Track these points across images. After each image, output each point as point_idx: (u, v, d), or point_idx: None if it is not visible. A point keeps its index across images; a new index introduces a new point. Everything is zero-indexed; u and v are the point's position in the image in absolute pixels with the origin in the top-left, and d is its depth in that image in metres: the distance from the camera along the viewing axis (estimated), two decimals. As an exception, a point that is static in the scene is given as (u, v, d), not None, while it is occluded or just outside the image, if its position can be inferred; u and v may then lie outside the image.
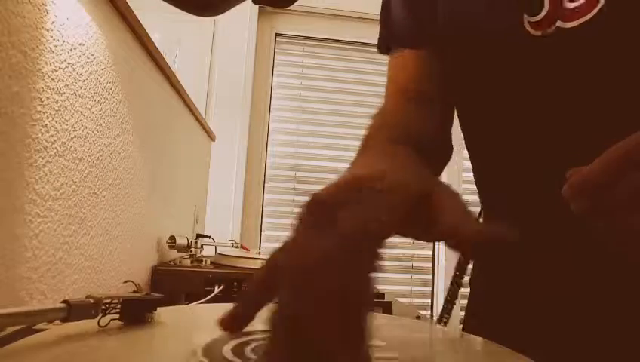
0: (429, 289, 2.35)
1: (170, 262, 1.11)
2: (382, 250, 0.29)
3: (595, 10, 0.41)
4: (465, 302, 0.64)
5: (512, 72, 0.47)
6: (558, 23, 0.44)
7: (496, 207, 0.57)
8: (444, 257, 2.29)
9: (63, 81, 0.59)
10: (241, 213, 2.18)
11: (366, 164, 0.39)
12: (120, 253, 0.83)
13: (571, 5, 0.43)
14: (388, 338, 0.41)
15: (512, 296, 0.52)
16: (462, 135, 0.58)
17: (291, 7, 1.04)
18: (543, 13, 0.45)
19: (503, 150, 0.52)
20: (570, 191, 0.29)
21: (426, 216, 0.32)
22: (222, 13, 0.50)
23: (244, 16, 2.23)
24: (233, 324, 0.31)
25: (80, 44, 0.63)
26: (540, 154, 0.47)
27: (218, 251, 1.16)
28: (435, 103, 0.55)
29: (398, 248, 2.35)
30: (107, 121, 0.74)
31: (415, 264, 2.32)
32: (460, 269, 0.64)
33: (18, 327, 0.33)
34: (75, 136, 0.63)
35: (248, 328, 0.31)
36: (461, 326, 0.64)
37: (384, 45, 0.61)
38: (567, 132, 0.44)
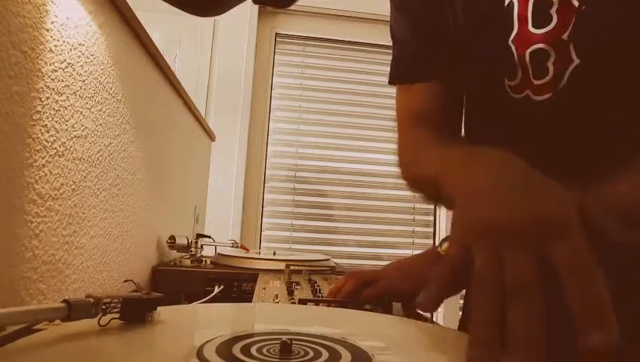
0: (429, 289, 2.35)
1: (170, 262, 1.10)
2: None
3: (558, 87, 0.48)
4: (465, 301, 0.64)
5: (500, 119, 0.56)
6: (529, 93, 0.51)
7: None
8: (444, 257, 2.29)
9: (63, 81, 0.59)
10: (241, 213, 2.18)
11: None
12: (120, 252, 0.83)
13: (537, 83, 0.50)
14: (388, 338, 0.41)
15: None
16: None
17: (291, 7, 1.04)
18: (517, 81, 0.52)
19: None
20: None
21: None
22: (222, 13, 0.50)
23: (244, 16, 2.23)
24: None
25: (80, 44, 0.64)
26: None
27: (218, 251, 1.16)
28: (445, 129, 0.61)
29: (398, 248, 2.35)
30: (107, 121, 0.74)
31: (415, 264, 2.32)
32: None
33: (18, 327, 0.33)
34: (75, 136, 0.63)
35: (247, 328, 0.31)
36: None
37: (396, 78, 0.65)
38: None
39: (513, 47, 0.51)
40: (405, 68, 0.63)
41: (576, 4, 0.47)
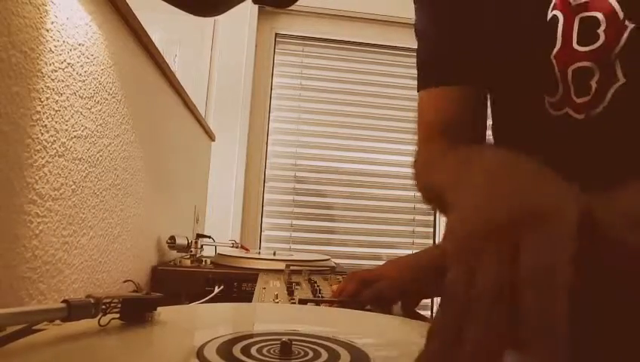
0: (429, 289, 2.35)
1: (170, 262, 1.10)
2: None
3: (600, 106, 0.47)
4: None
5: (536, 135, 0.54)
6: (569, 111, 0.50)
7: None
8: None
9: (62, 81, 0.59)
10: (241, 213, 2.18)
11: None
12: (120, 253, 0.83)
13: (578, 100, 0.49)
14: (388, 338, 0.41)
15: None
16: None
17: (291, 7, 1.04)
18: (557, 97, 0.51)
19: None
20: None
21: None
22: (222, 13, 0.50)
23: (244, 16, 2.23)
24: None
25: (80, 44, 0.64)
26: None
27: (218, 251, 1.16)
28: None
29: (398, 248, 2.35)
30: (107, 121, 0.74)
31: (415, 264, 2.32)
32: None
33: (18, 327, 0.33)
34: (75, 136, 0.64)
35: (247, 328, 0.31)
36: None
37: (429, 81, 0.62)
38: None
39: (555, 62, 0.50)
40: (431, 71, 0.62)
41: (628, 23, 0.46)
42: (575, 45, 0.49)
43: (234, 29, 2.22)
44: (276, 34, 2.38)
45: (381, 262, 0.70)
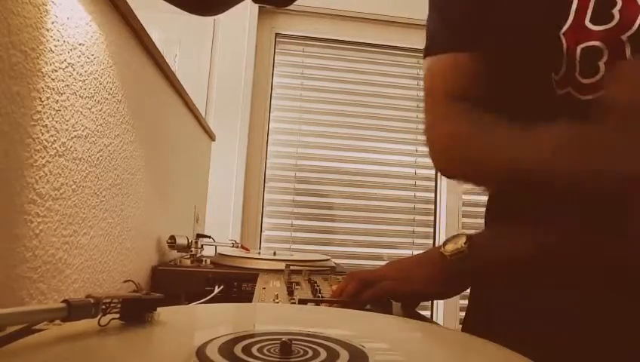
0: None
1: (170, 261, 1.10)
2: None
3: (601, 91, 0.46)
4: (465, 302, 0.64)
5: (542, 113, 0.51)
6: (571, 90, 0.48)
7: (501, 217, 0.58)
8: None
9: (63, 81, 0.59)
10: (241, 213, 2.18)
11: None
12: (120, 253, 0.83)
13: (584, 81, 0.47)
14: (388, 338, 0.41)
15: (512, 296, 0.52)
16: None
17: (291, 7, 1.03)
18: (560, 75, 0.49)
19: None
20: None
21: None
22: (222, 13, 0.50)
23: (244, 16, 2.23)
24: None
25: (80, 44, 0.64)
26: None
27: (218, 251, 1.16)
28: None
29: (398, 248, 2.35)
30: (107, 121, 0.74)
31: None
32: None
33: (18, 327, 0.33)
34: (75, 136, 0.64)
35: (248, 328, 0.31)
36: (461, 326, 0.64)
37: (438, 48, 0.60)
38: None
39: (564, 39, 0.48)
40: (442, 38, 0.59)
41: None
42: (587, 23, 0.47)
43: (234, 28, 2.22)
44: (276, 34, 2.38)
45: (381, 262, 0.70)
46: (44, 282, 0.57)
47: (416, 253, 0.75)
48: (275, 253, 1.22)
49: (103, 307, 0.35)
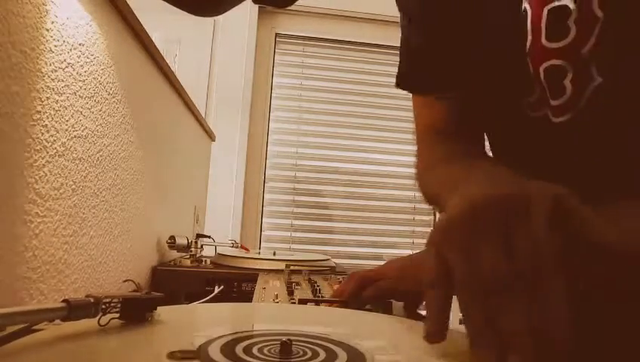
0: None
1: (170, 262, 1.10)
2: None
3: (576, 108, 0.44)
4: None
5: (521, 139, 0.52)
6: (547, 113, 0.47)
7: None
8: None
9: (63, 81, 0.59)
10: (241, 213, 2.18)
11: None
12: (120, 252, 0.83)
13: (554, 103, 0.45)
14: (388, 338, 0.41)
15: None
16: None
17: (291, 7, 1.04)
18: (535, 98, 0.47)
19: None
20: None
21: None
22: (222, 13, 0.50)
23: (244, 16, 2.23)
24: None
25: (80, 44, 0.64)
26: None
27: (218, 251, 1.16)
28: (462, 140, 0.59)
29: (398, 248, 2.35)
30: (107, 121, 0.74)
31: (415, 264, 2.32)
32: None
33: (18, 327, 0.33)
34: (75, 136, 0.64)
35: (247, 328, 0.31)
36: (461, 326, 0.64)
37: (405, 84, 0.62)
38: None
39: (529, 60, 0.46)
40: (422, 78, 0.59)
41: (599, 13, 0.41)
42: (544, 41, 0.44)
43: (234, 28, 2.22)
44: (276, 34, 2.38)
45: (381, 262, 0.70)
46: (44, 282, 0.57)
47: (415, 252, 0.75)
48: (274, 253, 1.22)
49: (103, 307, 0.35)
